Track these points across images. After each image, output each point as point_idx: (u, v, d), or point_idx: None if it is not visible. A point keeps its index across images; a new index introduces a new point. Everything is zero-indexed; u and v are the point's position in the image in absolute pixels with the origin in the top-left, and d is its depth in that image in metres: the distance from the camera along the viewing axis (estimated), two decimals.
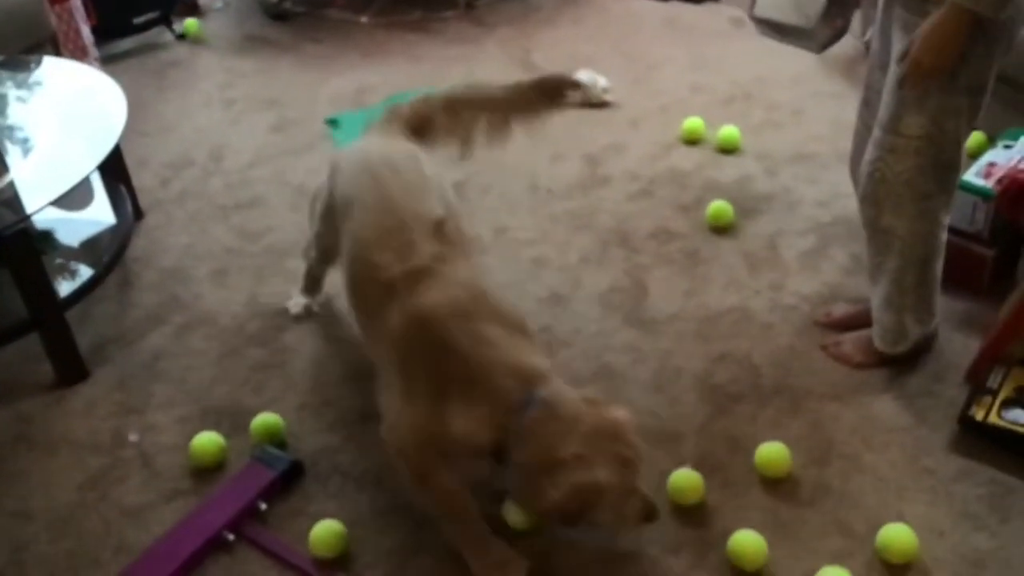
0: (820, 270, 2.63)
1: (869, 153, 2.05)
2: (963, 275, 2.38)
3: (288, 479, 2.10)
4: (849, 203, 2.80)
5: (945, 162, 1.99)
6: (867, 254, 2.21)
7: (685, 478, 2.00)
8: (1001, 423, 2.04)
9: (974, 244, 2.40)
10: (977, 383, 2.14)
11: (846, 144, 3.01)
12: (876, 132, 2.02)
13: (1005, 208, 2.34)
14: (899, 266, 2.10)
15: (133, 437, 2.25)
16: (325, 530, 1.94)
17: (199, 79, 3.78)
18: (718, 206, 2.78)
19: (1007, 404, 2.07)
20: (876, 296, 2.20)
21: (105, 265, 2.56)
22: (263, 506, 2.04)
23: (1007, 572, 1.84)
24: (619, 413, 1.76)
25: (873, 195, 2.06)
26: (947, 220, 2.10)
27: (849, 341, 2.33)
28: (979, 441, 2.07)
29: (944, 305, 2.28)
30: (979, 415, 2.06)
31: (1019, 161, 2.42)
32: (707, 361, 2.36)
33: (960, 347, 2.31)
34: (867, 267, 2.24)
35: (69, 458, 2.21)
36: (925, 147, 1.96)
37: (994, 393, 2.09)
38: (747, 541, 1.86)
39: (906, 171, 1.99)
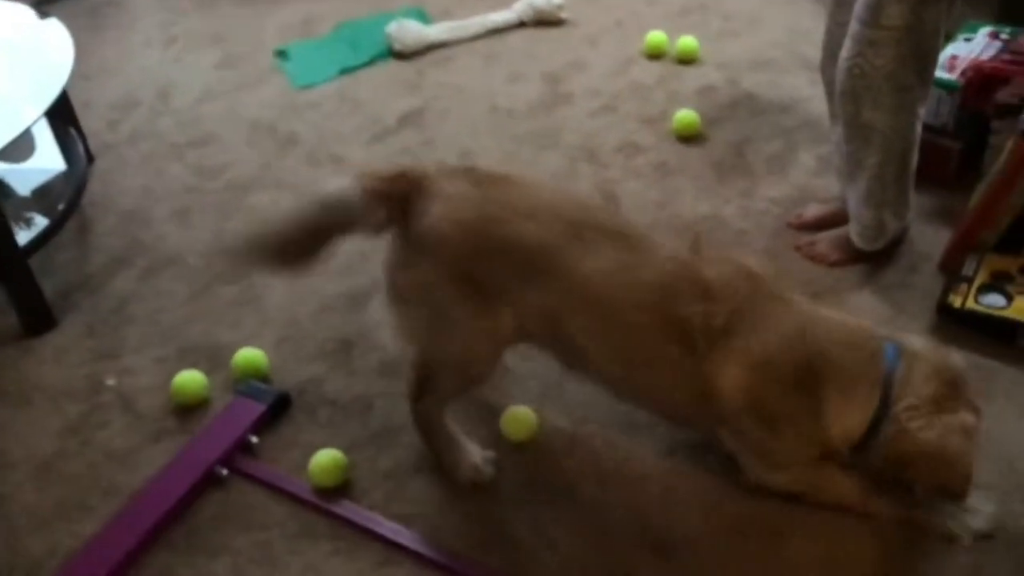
0: (788, 174, 2.64)
1: (847, 49, 2.04)
2: (930, 168, 2.39)
3: (276, 412, 2.07)
4: (811, 106, 2.82)
5: (924, 52, 2.00)
6: (843, 153, 2.21)
7: None
8: (979, 308, 2.08)
9: (940, 137, 2.42)
10: (952, 272, 2.18)
11: (804, 49, 3.04)
12: (854, 27, 2.01)
13: (970, 99, 2.36)
14: (880, 161, 2.11)
15: (110, 381, 2.20)
16: (326, 459, 1.92)
17: (137, 19, 3.64)
18: (685, 115, 2.77)
19: (983, 289, 2.11)
20: (854, 193, 2.21)
21: (63, 211, 2.48)
22: (254, 439, 2.01)
23: (994, 449, 1.88)
24: (958, 358, 1.72)
25: (852, 91, 2.05)
26: (923, 112, 2.11)
27: (823, 240, 2.35)
28: (958, 327, 2.11)
29: (913, 198, 2.30)
30: (957, 302, 2.10)
31: (981, 52, 2.44)
32: None
33: (931, 238, 2.35)
34: (842, 166, 2.25)
35: (45, 407, 2.16)
36: (905, 37, 1.96)
37: (970, 280, 2.13)
38: None
39: (886, 64, 1.98)
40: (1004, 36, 2.48)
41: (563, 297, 1.68)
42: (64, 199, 2.52)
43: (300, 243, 1.78)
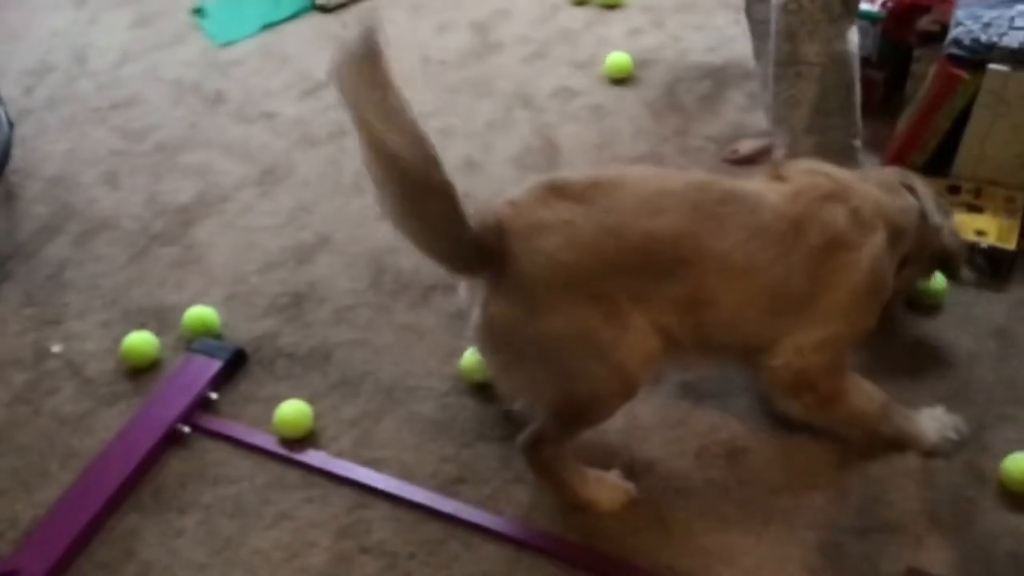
0: (720, 112, 2.69)
1: None
2: None
3: (232, 368, 2.05)
4: (736, 46, 2.87)
5: None
6: (775, 92, 2.22)
7: None
8: None
9: (865, 68, 2.46)
10: None
11: None
12: None
13: (892, 29, 2.44)
14: (819, 93, 2.14)
15: (56, 348, 2.14)
16: (291, 410, 1.92)
17: None
18: (617, 57, 2.80)
19: None
20: (792, 129, 2.23)
21: None
22: (214, 396, 1.99)
23: (936, 360, 2.00)
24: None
25: (787, 28, 2.08)
26: (855, 37, 2.17)
27: (758, 173, 2.41)
28: None
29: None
30: None
31: None
32: None
33: (862, 165, 2.43)
34: (775, 106, 2.26)
35: None
36: None
37: None
38: None
39: None
40: None
41: (710, 279, 1.61)
42: None
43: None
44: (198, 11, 3.23)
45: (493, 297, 1.59)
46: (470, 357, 2.01)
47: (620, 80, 2.80)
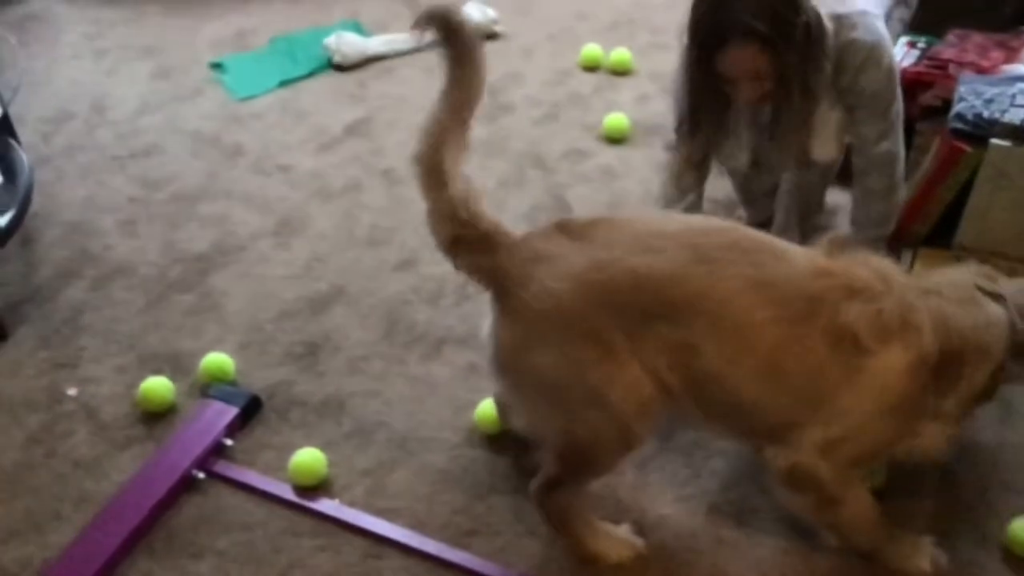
0: (726, 176, 2.75)
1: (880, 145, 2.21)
2: None
3: (247, 414, 2.07)
4: None
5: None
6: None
7: None
8: None
9: None
10: None
11: None
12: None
13: None
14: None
15: (71, 391, 2.16)
16: (306, 458, 1.94)
17: (63, 32, 3.57)
18: (614, 118, 2.90)
19: None
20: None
21: (10, 222, 2.41)
22: (229, 442, 2.01)
23: None
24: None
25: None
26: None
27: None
28: None
29: (844, 202, 2.44)
30: None
31: (902, 60, 2.59)
32: None
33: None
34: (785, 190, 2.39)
35: (4, 420, 2.11)
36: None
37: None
38: None
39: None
40: (921, 45, 2.65)
41: (699, 326, 1.57)
42: (9, 211, 2.45)
43: None
44: (217, 66, 3.31)
45: (500, 321, 1.66)
46: (484, 409, 2.04)
47: (618, 140, 2.88)
